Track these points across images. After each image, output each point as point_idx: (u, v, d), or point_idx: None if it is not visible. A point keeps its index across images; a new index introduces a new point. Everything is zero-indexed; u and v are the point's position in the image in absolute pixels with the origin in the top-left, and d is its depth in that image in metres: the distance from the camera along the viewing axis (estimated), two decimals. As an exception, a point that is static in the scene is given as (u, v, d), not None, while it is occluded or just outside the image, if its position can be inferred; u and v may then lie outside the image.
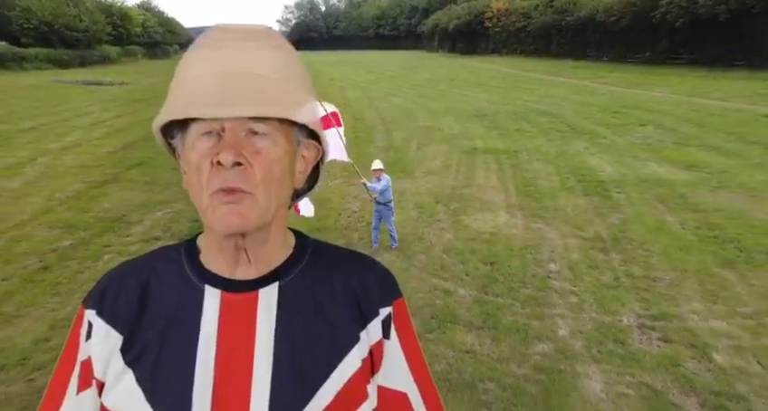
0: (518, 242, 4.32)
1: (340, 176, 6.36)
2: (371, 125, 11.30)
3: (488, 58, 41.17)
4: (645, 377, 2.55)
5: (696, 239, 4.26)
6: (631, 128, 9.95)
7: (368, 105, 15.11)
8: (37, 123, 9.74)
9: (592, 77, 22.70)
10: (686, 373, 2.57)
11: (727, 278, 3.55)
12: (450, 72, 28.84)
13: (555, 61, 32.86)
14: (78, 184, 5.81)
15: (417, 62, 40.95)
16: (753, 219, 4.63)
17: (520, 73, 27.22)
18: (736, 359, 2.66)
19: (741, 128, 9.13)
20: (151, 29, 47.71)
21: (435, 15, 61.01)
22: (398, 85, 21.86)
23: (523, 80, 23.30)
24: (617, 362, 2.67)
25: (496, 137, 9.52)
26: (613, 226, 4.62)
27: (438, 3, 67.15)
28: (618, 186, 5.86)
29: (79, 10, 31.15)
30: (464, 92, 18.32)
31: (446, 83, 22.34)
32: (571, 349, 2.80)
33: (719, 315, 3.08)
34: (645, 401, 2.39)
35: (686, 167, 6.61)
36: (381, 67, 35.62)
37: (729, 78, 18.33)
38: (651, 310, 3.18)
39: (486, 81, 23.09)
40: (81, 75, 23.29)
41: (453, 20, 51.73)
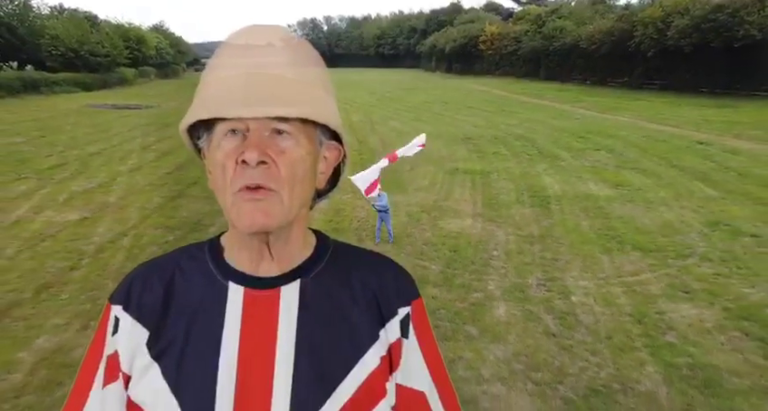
0: (475, 237, 6.33)
1: (350, 192, 8.39)
2: (373, 148, 13.33)
3: (482, 79, 43.65)
4: (530, 307, 4.54)
5: (595, 236, 6.28)
6: (588, 152, 12.02)
7: (369, 129, 17.16)
8: (98, 148, 11.82)
9: (573, 101, 24.92)
10: (553, 306, 4.56)
11: (602, 259, 5.55)
12: (445, 94, 31.08)
13: (543, 83, 35.28)
14: (156, 198, 7.83)
15: (415, 83, 43.31)
16: (639, 223, 6.66)
17: (509, 96, 29.48)
18: (583, 299, 4.66)
19: (673, 153, 11.21)
20: (163, 51, 50.38)
21: (432, 37, 63.91)
22: (396, 108, 23.99)
23: (510, 103, 25.50)
24: (516, 301, 4.66)
25: (476, 159, 11.57)
26: (543, 228, 6.64)
27: (436, 25, 70.32)
28: (557, 200, 7.89)
29: (101, 36, 33.63)
30: (455, 116, 20.43)
31: (439, 106, 24.51)
32: (492, 296, 4.79)
33: (585, 278, 5.09)
34: (526, 318, 4.36)
35: (613, 186, 8.66)
36: (382, 88, 37.90)
37: (690, 104, 20.53)
38: (547, 275, 5.17)
39: (477, 104, 25.28)
40: (108, 99, 25.53)
41: (449, 42, 54.49)
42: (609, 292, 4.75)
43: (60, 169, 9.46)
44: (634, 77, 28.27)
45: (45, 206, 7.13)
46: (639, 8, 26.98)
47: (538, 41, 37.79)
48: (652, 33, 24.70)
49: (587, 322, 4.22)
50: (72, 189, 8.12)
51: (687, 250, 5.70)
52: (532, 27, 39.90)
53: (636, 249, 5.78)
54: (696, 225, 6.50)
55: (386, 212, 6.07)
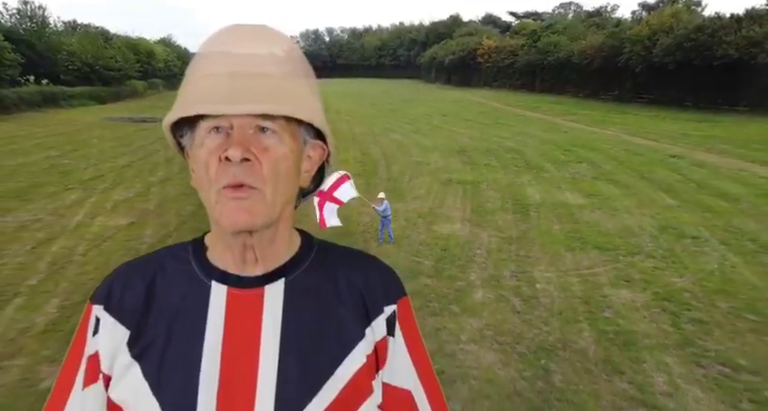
0: (462, 239, 7.52)
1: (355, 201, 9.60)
2: (375, 159, 14.56)
3: (479, 91, 45.11)
4: (502, 292, 5.71)
5: (563, 238, 7.47)
6: (570, 164, 13.24)
7: (371, 141, 18.42)
8: (127, 161, 13.07)
9: (565, 114, 26.24)
10: (521, 291, 5.73)
11: (565, 256, 6.74)
12: (443, 107, 32.42)
13: (538, 96, 36.69)
14: (189, 206, 9.04)
15: (415, 95, 44.76)
16: (602, 227, 7.85)
17: (504, 108, 30.81)
18: (545, 286, 5.84)
19: (646, 166, 12.44)
20: (171, 63, 51.98)
21: (432, 49, 65.61)
22: (397, 120, 25.29)
23: (505, 115, 26.82)
24: (492, 288, 5.84)
25: (468, 170, 12.79)
26: (520, 231, 7.84)
27: (435, 37, 72.12)
28: (536, 208, 9.09)
29: (114, 51, 35.15)
30: (452, 128, 21.71)
31: (438, 118, 25.82)
32: (473, 284, 5.96)
33: (549, 271, 6.27)
34: (497, 300, 5.54)
35: (586, 195, 9.86)
36: (383, 99, 39.30)
37: (673, 119, 21.82)
38: (518, 269, 6.36)
39: (473, 116, 26.59)
40: (123, 112, 26.89)
41: (449, 54, 56.11)
42: (567, 281, 5.93)
43: (99, 181, 10.69)
44: (624, 91, 29.64)
45: (97, 213, 8.35)
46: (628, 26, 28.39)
47: (533, 55, 39.29)
48: (639, 50, 26.10)
49: (545, 303, 5.41)
50: (115, 198, 9.34)
51: (637, 249, 6.90)
52: (527, 42, 41.45)
53: (595, 248, 6.97)
54: (649, 229, 7.70)
55: (386, 218, 7.27)
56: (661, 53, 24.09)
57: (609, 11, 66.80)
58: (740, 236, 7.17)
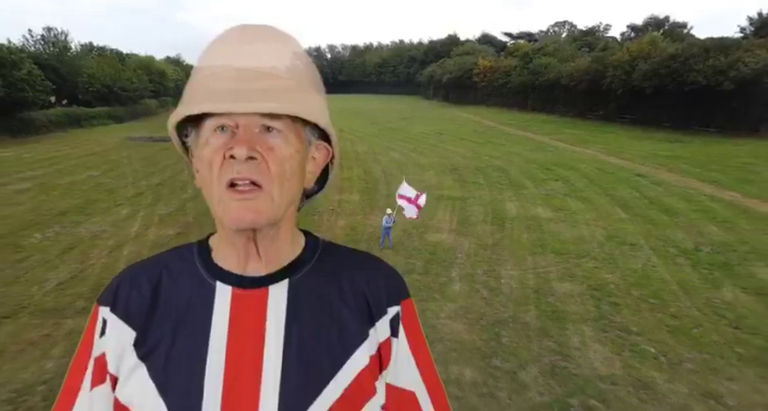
0: (448, 245, 9.31)
1: (359, 214, 11.42)
2: (376, 177, 16.38)
3: (475, 109, 47.32)
4: (475, 285, 7.48)
5: (529, 244, 9.26)
6: (548, 182, 15.07)
7: (373, 159, 20.25)
8: (160, 180, 14.91)
9: (552, 133, 28.20)
10: (489, 284, 7.50)
11: (528, 258, 8.52)
12: (440, 125, 34.42)
13: (530, 114, 38.83)
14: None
15: (413, 112, 46.90)
16: (562, 237, 9.65)
17: (497, 127, 32.83)
18: (508, 281, 7.62)
19: (612, 184, 14.28)
20: (180, 81, 54.32)
21: (430, 67, 68.20)
22: (396, 139, 27.22)
23: (496, 134, 28.78)
24: (468, 282, 7.60)
25: (458, 187, 14.60)
26: (496, 239, 9.63)
27: (434, 55, 74.87)
28: (511, 221, 10.89)
29: (130, 73, 37.37)
30: (447, 147, 23.60)
31: (434, 137, 27.75)
32: (453, 279, 7.73)
33: (513, 270, 8.04)
34: (471, 291, 7.29)
35: (555, 210, 11.67)
36: (383, 117, 41.36)
37: (649, 139, 23.76)
38: (489, 268, 8.13)
39: (467, 135, 28.54)
40: (141, 131, 28.88)
41: (446, 74, 58.54)
42: (525, 277, 7.72)
43: (141, 197, 12.52)
44: (608, 111, 31.69)
45: (149, 225, 10.16)
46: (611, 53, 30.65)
47: (525, 76, 41.54)
48: (621, 74, 28.20)
49: (506, 292, 7.18)
50: (159, 213, 11.16)
51: (585, 253, 8.69)
52: (520, 63, 43.77)
53: (552, 253, 8.77)
54: (598, 238, 9.50)
55: (389, 228, 9.09)
56: (640, 78, 26.18)
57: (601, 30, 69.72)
58: (667, 243, 8.97)
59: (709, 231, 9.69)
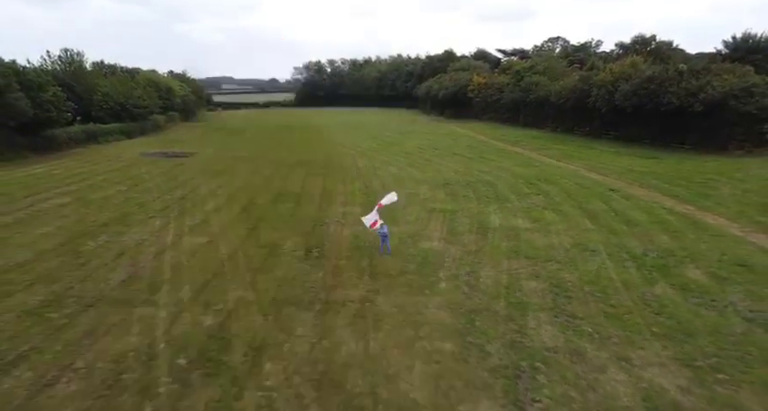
0: (437, 251, 10.97)
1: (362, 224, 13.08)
2: (376, 191, 18.01)
3: (470, 123, 49.32)
4: (458, 284, 9.12)
5: (506, 251, 10.92)
6: (530, 196, 16.76)
7: (372, 174, 21.95)
8: (181, 194, 16.59)
9: (541, 148, 30.00)
10: (470, 282, 9.15)
11: (503, 262, 10.17)
12: (436, 140, 36.23)
13: (521, 129, 40.74)
14: (241, 230, 12.46)
15: (411, 126, 48.85)
16: (535, 244, 11.31)
17: (489, 142, 34.65)
18: (485, 280, 9.27)
19: (587, 198, 15.98)
20: (186, 97, 56.31)
21: (427, 82, 70.42)
22: (394, 153, 28.95)
23: (488, 150, 30.55)
24: (452, 281, 9.23)
25: (449, 201, 16.28)
26: (478, 246, 11.28)
27: (430, 71, 77.16)
28: (493, 230, 12.57)
29: (141, 90, 39.27)
30: (441, 162, 25.33)
31: (430, 152, 29.50)
32: (440, 279, 9.34)
33: (490, 271, 9.69)
34: (454, 288, 8.94)
35: (533, 221, 13.36)
36: (382, 131, 43.24)
37: (629, 155, 25.56)
38: (471, 270, 9.76)
39: (461, 150, 30.30)
40: (154, 146, 30.64)
41: (442, 89, 60.68)
42: (499, 277, 9.38)
43: (169, 210, 14.19)
44: (594, 128, 33.58)
45: (182, 234, 11.81)
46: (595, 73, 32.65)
47: (517, 93, 43.56)
48: (604, 94, 30.13)
49: (483, 289, 8.84)
50: (188, 224, 12.82)
51: (551, 258, 10.36)
52: (512, 80, 45.83)
53: (524, 258, 10.43)
54: (565, 245, 11.18)
55: (386, 236, 10.77)
56: (621, 98, 28.09)
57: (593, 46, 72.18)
58: (621, 250, 10.66)
59: (659, 239, 11.39)
